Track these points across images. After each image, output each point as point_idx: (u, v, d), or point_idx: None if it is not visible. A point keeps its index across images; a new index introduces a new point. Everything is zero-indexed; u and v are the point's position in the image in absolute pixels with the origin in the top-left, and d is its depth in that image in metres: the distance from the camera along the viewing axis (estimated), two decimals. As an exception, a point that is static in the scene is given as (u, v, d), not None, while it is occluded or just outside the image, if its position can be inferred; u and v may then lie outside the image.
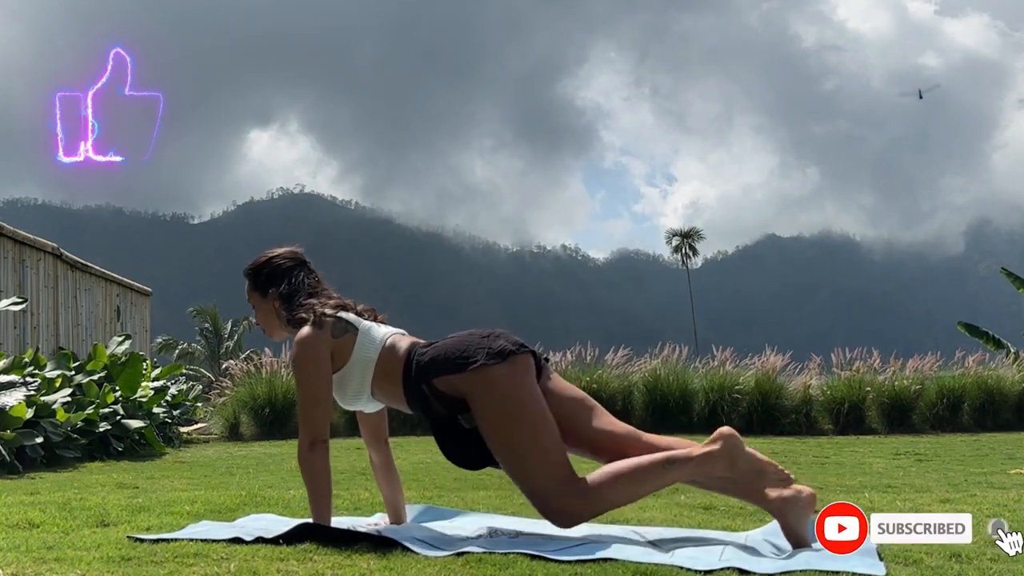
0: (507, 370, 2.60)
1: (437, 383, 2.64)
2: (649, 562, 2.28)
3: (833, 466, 6.50)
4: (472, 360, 2.60)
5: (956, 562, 2.35)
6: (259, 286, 2.89)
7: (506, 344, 2.63)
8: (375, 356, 2.72)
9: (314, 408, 2.67)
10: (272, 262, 2.90)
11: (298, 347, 2.71)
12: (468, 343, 2.65)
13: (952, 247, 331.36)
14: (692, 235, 69.86)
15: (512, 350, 2.62)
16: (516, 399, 2.59)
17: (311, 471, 2.65)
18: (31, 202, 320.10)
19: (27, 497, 3.69)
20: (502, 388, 2.59)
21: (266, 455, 7.38)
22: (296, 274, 2.87)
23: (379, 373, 2.71)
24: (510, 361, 2.61)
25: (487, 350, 2.61)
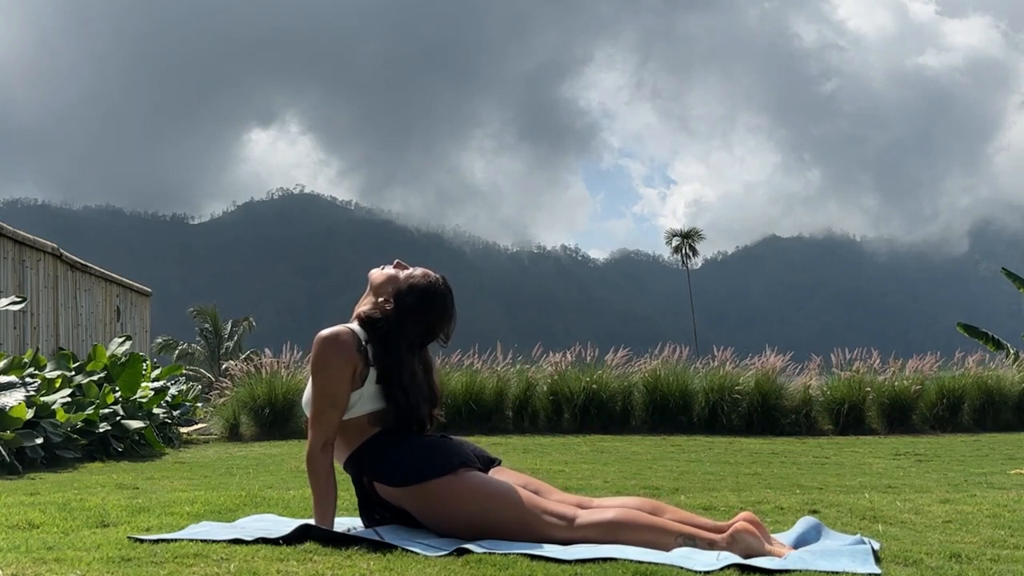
0: (443, 482, 2.58)
1: (378, 488, 2.64)
2: (649, 562, 2.28)
3: (833, 466, 6.50)
4: (410, 477, 2.59)
5: (956, 562, 2.35)
6: (403, 299, 2.74)
7: (449, 460, 2.62)
8: (351, 416, 2.66)
9: (330, 409, 2.63)
10: (428, 309, 2.75)
11: (322, 343, 2.64)
12: (412, 458, 2.62)
13: (953, 248, 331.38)
14: (692, 235, 69.85)
15: (453, 465, 2.61)
16: (459, 506, 2.57)
17: (320, 472, 2.64)
18: (31, 202, 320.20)
19: (27, 497, 3.69)
20: (443, 498, 2.58)
21: (266, 455, 7.38)
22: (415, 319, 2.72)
23: (343, 430, 2.67)
24: (449, 474, 2.59)
25: (426, 466, 2.60)
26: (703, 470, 5.92)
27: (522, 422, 10.62)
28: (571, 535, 2.54)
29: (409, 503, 2.61)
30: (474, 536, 2.55)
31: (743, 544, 2.47)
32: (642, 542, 2.51)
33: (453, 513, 2.58)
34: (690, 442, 8.93)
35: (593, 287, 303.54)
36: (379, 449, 2.66)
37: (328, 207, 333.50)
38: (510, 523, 2.56)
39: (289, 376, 10.42)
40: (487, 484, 2.62)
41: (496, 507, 2.57)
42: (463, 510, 2.57)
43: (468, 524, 2.57)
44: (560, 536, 2.54)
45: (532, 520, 2.57)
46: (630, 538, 2.52)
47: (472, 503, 2.57)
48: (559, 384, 10.64)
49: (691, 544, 2.49)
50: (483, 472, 2.69)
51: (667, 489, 4.45)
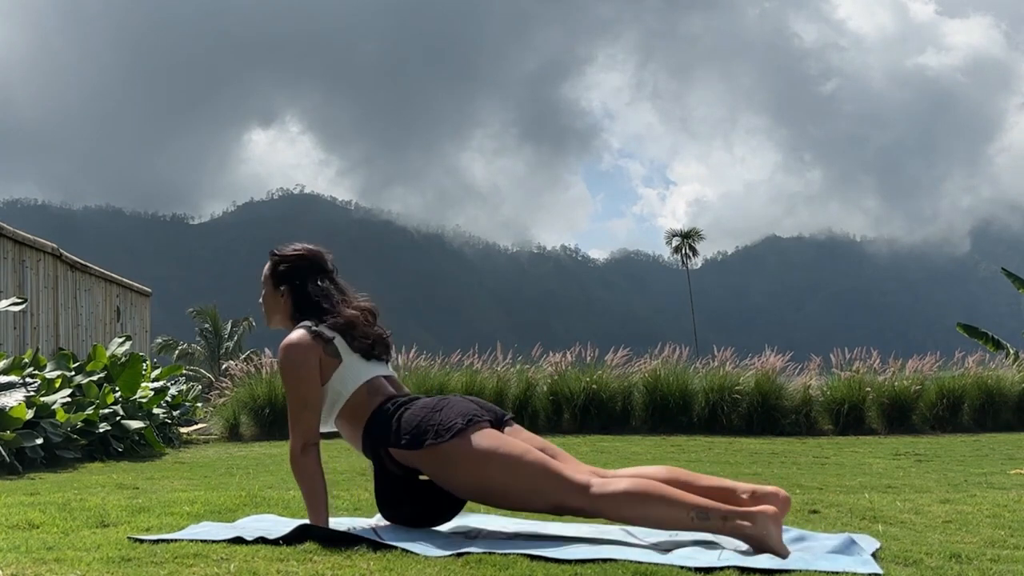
0: (453, 446, 2.59)
1: (393, 453, 2.66)
2: (649, 562, 2.28)
3: (833, 466, 6.50)
4: (422, 439, 2.61)
5: (956, 562, 2.35)
6: (275, 276, 2.90)
7: (458, 421, 2.62)
8: (347, 394, 2.73)
9: (302, 411, 2.69)
10: (295, 260, 2.90)
11: (285, 351, 2.73)
12: (420, 420, 2.64)
13: (954, 248, 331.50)
14: (692, 235, 69.85)
15: (461, 426, 2.61)
16: (473, 466, 2.58)
17: (304, 474, 2.67)
18: (31, 202, 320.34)
19: (27, 498, 3.69)
20: (455, 461, 2.59)
21: (266, 455, 7.38)
22: (313, 279, 2.87)
23: (347, 410, 2.74)
24: (460, 435, 2.60)
25: (435, 427, 2.61)
26: (703, 470, 5.91)
27: (522, 422, 10.49)
28: (584, 504, 2.53)
29: (425, 465, 2.63)
30: (489, 499, 2.58)
31: (762, 529, 2.43)
32: (656, 516, 2.49)
33: (469, 474, 2.58)
34: (690, 442, 8.92)
35: (593, 287, 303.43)
36: (387, 418, 2.68)
37: (328, 207, 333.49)
38: (524, 486, 2.56)
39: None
40: (503, 445, 2.60)
41: (511, 469, 2.57)
42: (478, 471, 2.57)
43: (483, 485, 2.58)
44: (573, 504, 2.54)
45: (546, 484, 2.56)
46: (643, 511, 2.50)
47: (487, 464, 2.57)
48: (559, 384, 10.64)
49: (704, 518, 2.46)
50: (497, 429, 2.69)
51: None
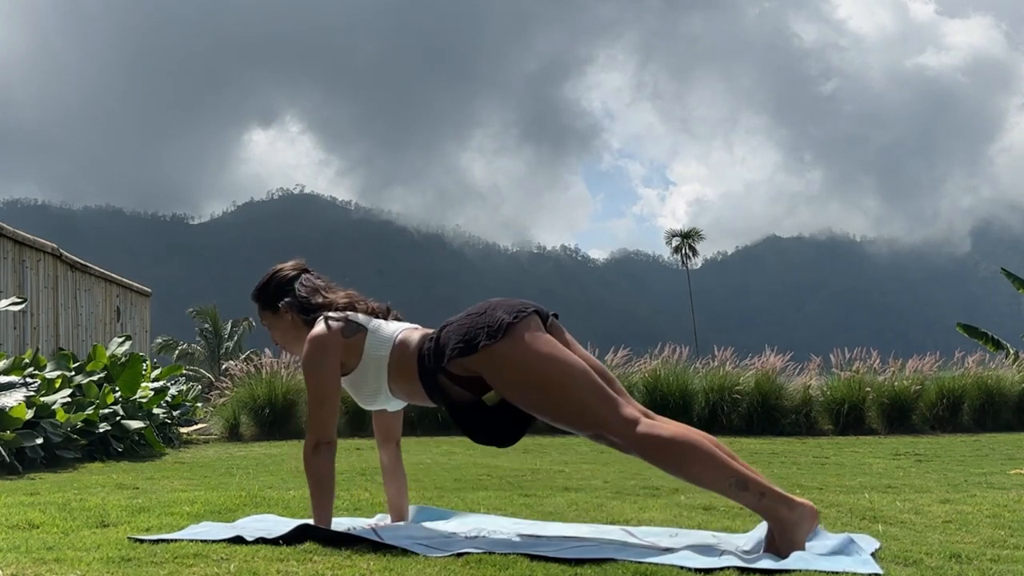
0: (508, 344, 2.55)
1: (451, 368, 2.60)
2: (649, 562, 2.28)
3: (833, 466, 6.50)
4: (475, 342, 2.56)
5: (956, 562, 2.35)
6: (269, 302, 2.88)
7: (504, 316, 2.58)
8: (387, 354, 2.70)
9: (319, 408, 2.66)
10: (276, 275, 2.90)
11: (307, 345, 2.71)
12: (469, 325, 2.60)
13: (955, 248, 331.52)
14: (692, 235, 69.85)
15: (511, 320, 2.57)
16: (526, 364, 2.53)
17: (314, 473, 2.65)
18: (31, 202, 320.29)
19: (27, 498, 3.69)
20: (512, 360, 2.54)
21: (266, 455, 7.38)
22: (295, 283, 2.88)
23: (394, 371, 2.70)
24: (509, 333, 2.55)
25: (487, 328, 2.57)
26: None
27: (522, 422, 10.61)
28: (627, 439, 2.49)
29: (484, 370, 2.57)
30: (540, 407, 2.53)
31: (797, 518, 2.41)
32: (694, 471, 2.46)
33: (525, 376, 2.53)
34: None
35: (593, 287, 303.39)
36: (432, 346, 2.64)
37: (328, 207, 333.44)
38: (575, 401, 2.51)
39: (289, 376, 10.42)
40: (562, 354, 2.57)
41: (566, 380, 2.52)
42: (534, 375, 2.52)
43: (537, 391, 2.53)
44: (614, 434, 2.50)
45: (596, 406, 2.52)
46: (683, 462, 2.46)
47: (543, 368, 2.53)
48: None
49: (742, 487, 2.43)
50: (542, 320, 2.65)
51: (667, 489, 4.44)
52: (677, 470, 2.49)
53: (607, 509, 3.50)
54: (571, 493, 4.22)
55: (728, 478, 2.44)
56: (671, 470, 2.50)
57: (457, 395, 2.65)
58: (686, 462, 2.46)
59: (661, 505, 3.64)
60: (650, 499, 3.91)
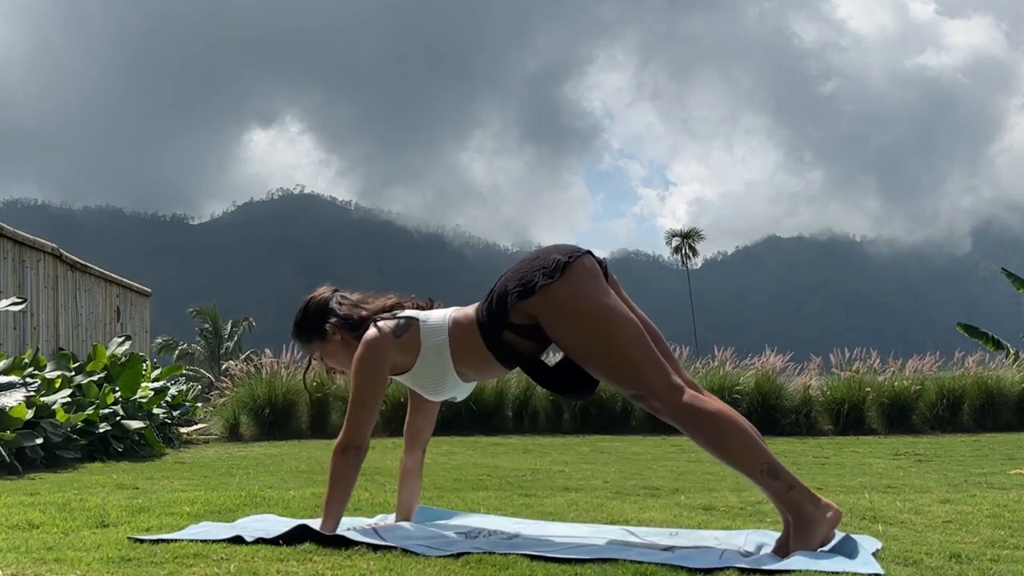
0: (566, 283, 2.53)
1: (513, 317, 2.57)
2: (649, 562, 2.28)
3: (833, 466, 6.50)
4: (532, 283, 2.54)
5: (956, 562, 2.35)
6: (314, 330, 2.80)
7: (559, 257, 2.57)
8: (446, 336, 2.66)
9: (358, 410, 2.63)
10: (312, 302, 2.84)
11: (360, 347, 2.67)
12: (525, 270, 2.59)
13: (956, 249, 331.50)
14: (692, 235, 69.85)
15: (566, 260, 2.56)
16: (584, 308, 2.52)
17: (335, 474, 2.63)
18: (31, 202, 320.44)
19: (27, 498, 3.69)
20: (566, 302, 2.52)
21: (266, 455, 7.38)
22: (345, 297, 2.84)
23: (457, 349, 2.66)
24: (567, 273, 2.54)
25: (542, 270, 2.55)
26: (703, 470, 5.92)
27: (522, 422, 10.62)
28: (669, 405, 2.48)
29: (541, 314, 2.54)
30: (590, 357, 2.51)
31: (820, 515, 2.41)
32: (731, 449, 2.45)
33: (576, 320, 2.51)
34: (690, 442, 8.91)
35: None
36: (490, 301, 2.61)
37: (328, 207, 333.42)
38: (625, 357, 2.50)
39: (289, 376, 10.42)
40: (614, 303, 2.55)
41: (615, 330, 2.51)
42: (584, 320, 2.50)
43: (590, 339, 2.51)
44: (657, 399, 2.49)
45: (645, 366, 2.50)
46: (722, 438, 2.45)
47: (594, 314, 2.50)
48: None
49: (773, 476, 2.42)
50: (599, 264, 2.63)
51: (667, 489, 4.45)
52: (713, 446, 2.47)
53: (607, 509, 3.50)
54: (571, 493, 4.23)
55: (762, 463, 2.44)
56: (707, 444, 2.48)
57: (527, 349, 2.62)
58: (724, 439, 2.45)
59: (661, 505, 3.64)
60: (650, 499, 3.91)
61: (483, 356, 2.64)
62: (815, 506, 2.43)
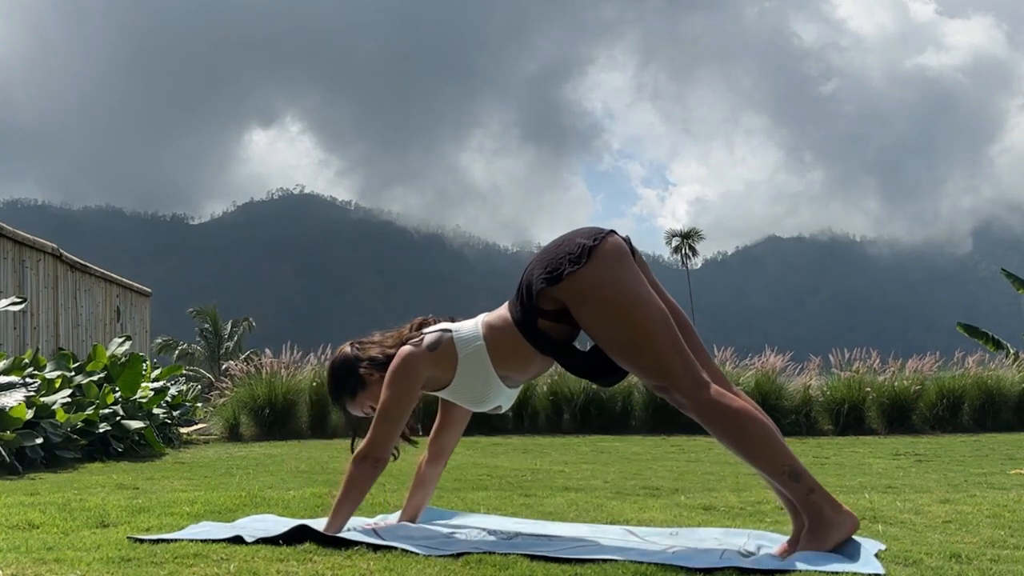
0: (592, 268, 2.50)
1: (543, 304, 2.55)
2: (649, 562, 2.28)
3: (833, 467, 6.50)
4: (559, 271, 2.52)
5: (956, 562, 2.35)
6: (352, 381, 2.75)
7: (584, 241, 2.54)
8: (482, 341, 2.63)
9: (382, 422, 2.61)
10: (338, 359, 2.80)
11: (395, 361, 2.65)
12: (550, 258, 2.56)
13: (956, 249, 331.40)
14: (692, 235, 69.85)
15: (591, 245, 2.53)
16: (609, 294, 2.48)
17: (349, 480, 2.62)
18: (31, 202, 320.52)
19: (27, 498, 3.69)
20: (592, 288, 2.49)
21: (266, 456, 7.38)
22: (362, 342, 2.81)
23: (495, 352, 2.62)
24: (593, 258, 2.51)
25: (568, 256, 2.53)
26: (703, 470, 5.92)
27: (522, 422, 10.62)
28: (693, 399, 2.45)
29: (569, 300, 2.52)
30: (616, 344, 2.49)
31: (840, 522, 2.41)
32: (754, 448, 2.42)
33: (602, 306, 2.48)
34: (690, 442, 8.92)
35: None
36: (518, 293, 2.60)
37: (328, 207, 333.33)
38: (646, 343, 2.47)
39: (289, 376, 10.42)
40: (642, 288, 2.52)
41: (642, 319, 2.47)
42: (610, 307, 2.48)
43: (613, 323, 2.48)
44: (682, 393, 2.45)
45: (670, 356, 2.46)
46: (745, 436, 2.42)
47: (621, 300, 2.48)
48: (559, 384, 10.65)
49: (794, 478, 2.41)
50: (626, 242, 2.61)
51: (667, 489, 4.44)
52: (736, 444, 2.45)
53: (607, 509, 3.50)
54: (571, 493, 4.22)
55: (784, 465, 2.43)
56: (729, 442, 2.46)
57: (560, 334, 2.59)
58: (748, 438, 2.43)
59: (661, 505, 3.64)
60: (650, 499, 3.91)
61: (523, 353, 2.61)
62: (835, 511, 2.43)
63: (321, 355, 10.73)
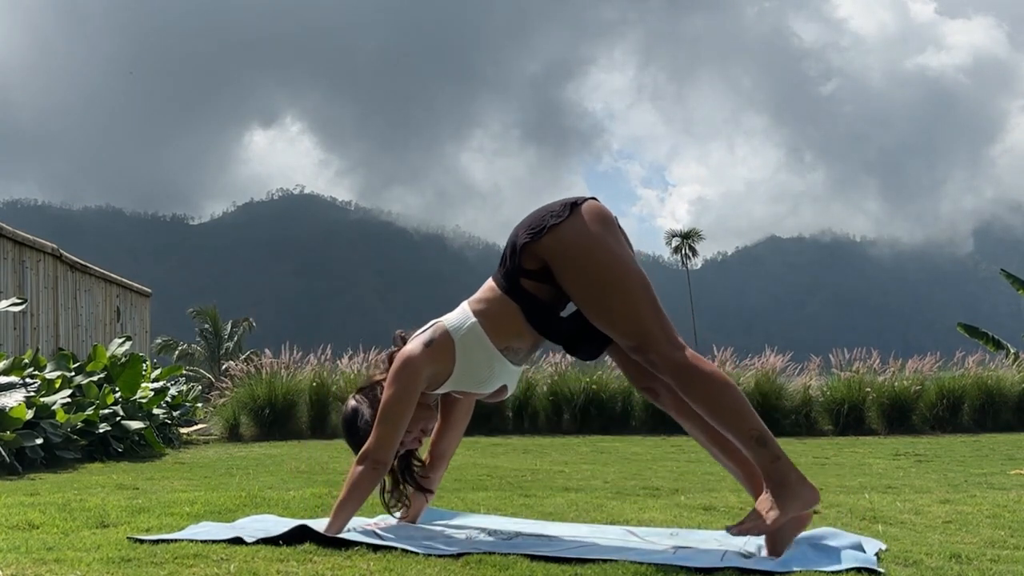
0: (575, 221, 2.55)
1: (526, 263, 2.58)
2: (649, 562, 2.28)
3: (833, 467, 6.50)
4: (542, 224, 2.57)
5: (956, 563, 2.35)
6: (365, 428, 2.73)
7: (568, 200, 2.61)
8: (474, 318, 2.64)
9: (382, 424, 2.62)
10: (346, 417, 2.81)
11: (396, 362, 2.66)
12: (535, 216, 2.62)
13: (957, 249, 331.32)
14: (692, 236, 69.83)
15: (574, 202, 2.60)
16: (590, 248, 2.53)
17: (351, 480, 2.63)
18: (31, 202, 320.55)
19: (27, 498, 3.69)
20: (575, 241, 2.54)
21: (266, 456, 7.38)
22: (363, 389, 2.82)
23: (489, 325, 2.63)
24: (576, 213, 2.57)
25: (551, 213, 2.58)
26: (703, 470, 5.92)
27: (522, 422, 10.62)
28: (669, 361, 2.47)
29: (551, 257, 2.55)
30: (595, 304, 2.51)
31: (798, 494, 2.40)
32: (725, 410, 2.45)
33: (583, 263, 2.52)
34: (690, 442, 8.92)
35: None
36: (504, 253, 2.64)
37: (328, 207, 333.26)
38: (625, 302, 2.50)
39: (289, 376, 10.42)
40: (623, 251, 2.58)
41: (622, 277, 2.52)
42: (591, 265, 2.52)
43: (593, 283, 2.52)
44: (657, 353, 2.48)
45: (649, 317, 2.51)
46: (718, 399, 2.45)
47: (600, 258, 2.52)
48: (559, 385, 10.65)
49: (761, 443, 2.43)
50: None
51: (667, 489, 4.44)
52: (707, 406, 2.47)
53: (607, 509, 3.50)
54: (571, 493, 4.23)
55: (752, 429, 2.45)
56: (701, 404, 2.48)
57: (546, 295, 2.61)
58: (720, 401, 2.46)
59: (661, 505, 3.64)
60: (650, 499, 3.91)
61: (515, 319, 2.62)
62: (799, 482, 2.44)
63: (321, 355, 10.73)
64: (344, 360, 10.79)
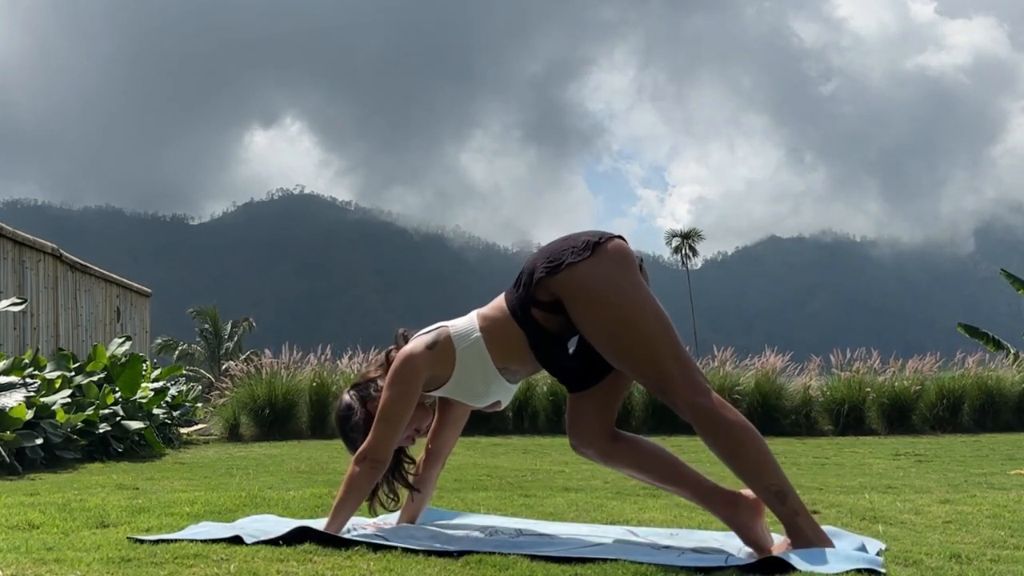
0: (595, 262, 2.50)
1: (539, 294, 2.54)
2: (650, 562, 2.28)
3: (833, 467, 6.50)
4: (560, 261, 2.52)
5: (956, 563, 2.35)
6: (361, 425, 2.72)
7: (589, 238, 2.56)
8: (479, 333, 2.62)
9: (382, 424, 2.61)
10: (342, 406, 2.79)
11: (397, 361, 2.65)
12: (554, 249, 2.57)
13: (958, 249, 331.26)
14: (692, 236, 69.83)
15: (596, 241, 2.54)
16: (608, 290, 2.48)
17: (349, 480, 2.63)
18: (31, 202, 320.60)
19: (27, 498, 3.69)
20: (592, 282, 2.49)
21: (266, 456, 7.38)
22: (358, 385, 2.81)
23: (493, 344, 2.60)
24: (596, 253, 2.52)
25: (572, 249, 2.54)
26: (703, 470, 5.89)
27: (522, 422, 10.63)
28: (693, 406, 2.44)
29: (566, 294, 2.51)
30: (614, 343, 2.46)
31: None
32: (746, 465, 2.42)
33: (601, 304, 2.47)
34: (690, 442, 8.92)
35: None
36: (518, 281, 2.60)
37: (328, 207, 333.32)
38: (646, 345, 2.46)
39: (289, 376, 10.42)
40: (643, 291, 2.52)
41: (643, 319, 2.47)
42: (610, 307, 2.47)
43: (612, 322, 2.47)
44: (681, 397, 2.45)
45: (670, 359, 2.46)
46: (740, 449, 2.42)
47: (621, 299, 2.47)
48: (559, 384, 10.61)
49: (781, 499, 2.40)
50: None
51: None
52: (728, 454, 2.45)
53: (607, 509, 3.50)
54: (571, 493, 4.23)
55: (772, 484, 2.42)
56: (723, 452, 2.46)
57: (555, 326, 2.56)
58: (741, 451, 2.43)
59: (661, 505, 3.64)
60: (650, 499, 3.91)
61: (520, 344, 2.59)
62: (816, 538, 2.43)
63: (321, 355, 10.73)
64: (344, 360, 10.79)
